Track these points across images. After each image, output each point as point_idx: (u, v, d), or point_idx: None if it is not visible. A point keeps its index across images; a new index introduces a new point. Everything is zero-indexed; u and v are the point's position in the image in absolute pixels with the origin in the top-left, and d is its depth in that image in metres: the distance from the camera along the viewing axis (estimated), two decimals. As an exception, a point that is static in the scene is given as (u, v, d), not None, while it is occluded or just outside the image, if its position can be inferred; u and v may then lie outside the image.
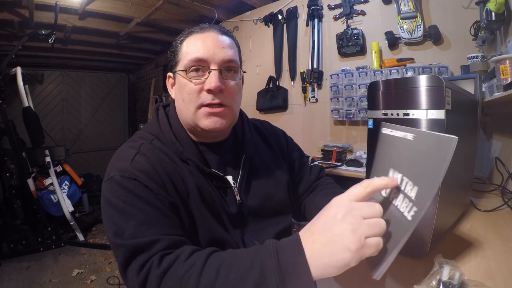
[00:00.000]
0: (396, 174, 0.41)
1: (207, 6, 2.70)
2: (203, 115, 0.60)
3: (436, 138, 0.37)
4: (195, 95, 0.59)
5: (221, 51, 0.60)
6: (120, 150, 0.60)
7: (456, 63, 1.70)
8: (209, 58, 0.59)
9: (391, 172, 0.43)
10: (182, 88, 0.61)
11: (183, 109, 0.62)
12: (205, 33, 0.61)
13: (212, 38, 0.60)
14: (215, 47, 0.59)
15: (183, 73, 0.60)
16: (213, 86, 0.58)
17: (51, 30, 2.67)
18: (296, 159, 0.82)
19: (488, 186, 1.01)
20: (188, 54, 0.60)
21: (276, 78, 2.58)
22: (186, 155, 0.60)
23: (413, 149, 0.40)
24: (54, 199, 2.71)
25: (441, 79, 0.57)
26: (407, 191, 0.38)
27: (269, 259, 0.40)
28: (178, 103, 0.64)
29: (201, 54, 0.58)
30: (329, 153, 2.07)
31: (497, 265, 0.50)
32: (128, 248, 0.47)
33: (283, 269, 0.38)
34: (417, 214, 0.35)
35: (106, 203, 0.52)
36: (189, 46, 0.61)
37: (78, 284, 2.07)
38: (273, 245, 0.41)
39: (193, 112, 0.60)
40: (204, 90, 0.59)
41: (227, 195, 0.64)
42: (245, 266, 0.40)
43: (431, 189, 0.35)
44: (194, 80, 0.59)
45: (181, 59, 0.61)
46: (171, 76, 0.66)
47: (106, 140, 5.11)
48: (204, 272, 0.42)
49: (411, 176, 0.39)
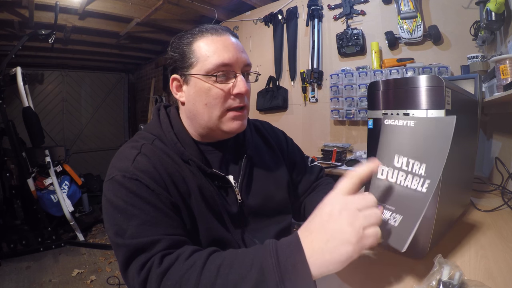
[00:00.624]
0: (401, 158, 0.45)
1: (207, 6, 2.70)
2: (230, 119, 0.61)
3: (436, 121, 0.43)
4: (221, 100, 0.59)
5: (241, 56, 0.61)
6: (121, 150, 0.60)
7: (456, 63, 1.70)
8: (234, 63, 0.59)
9: (396, 157, 0.46)
10: (204, 93, 0.59)
11: (203, 114, 0.60)
12: (221, 37, 0.60)
13: (231, 42, 0.61)
14: (236, 52, 0.60)
15: (205, 77, 0.59)
16: (243, 91, 0.59)
17: (51, 30, 2.67)
18: (296, 160, 0.82)
19: (488, 186, 1.01)
20: (211, 58, 0.58)
21: (276, 78, 2.59)
22: (188, 155, 0.60)
23: (415, 134, 0.44)
24: (54, 199, 2.71)
25: (441, 79, 0.57)
26: (415, 170, 0.43)
27: (269, 258, 0.40)
28: (193, 107, 0.61)
29: (227, 59, 0.58)
30: (329, 153, 2.07)
31: (497, 265, 0.50)
32: (129, 248, 0.47)
33: (282, 269, 0.39)
34: (431, 185, 0.40)
35: (107, 203, 0.52)
36: (208, 50, 0.58)
37: (78, 284, 2.07)
38: (272, 244, 0.42)
39: (217, 116, 0.60)
40: (231, 94, 0.60)
41: (228, 194, 0.64)
42: (245, 265, 0.41)
43: (439, 162, 0.40)
44: (220, 85, 0.59)
45: (199, 62, 0.59)
46: (178, 78, 0.62)
47: (106, 140, 5.12)
48: (204, 272, 0.42)
49: (416, 157, 0.43)
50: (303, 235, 0.41)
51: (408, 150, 0.45)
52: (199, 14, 2.88)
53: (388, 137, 0.48)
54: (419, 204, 0.40)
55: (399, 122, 0.47)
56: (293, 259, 0.39)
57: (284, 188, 0.74)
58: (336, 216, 0.38)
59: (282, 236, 0.41)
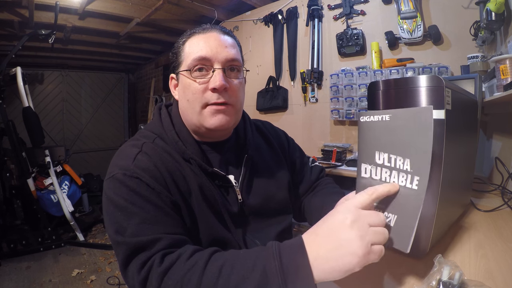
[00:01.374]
0: (382, 154, 0.44)
1: (207, 6, 2.70)
2: (209, 113, 0.59)
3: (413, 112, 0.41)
4: (200, 95, 0.59)
5: (224, 50, 0.60)
6: (122, 149, 0.60)
7: (456, 63, 1.70)
8: (212, 57, 0.59)
9: (376, 154, 0.45)
10: (186, 88, 0.61)
11: (188, 110, 0.62)
12: (207, 33, 0.61)
13: (215, 38, 0.61)
14: (218, 46, 0.60)
15: (187, 73, 0.60)
16: (218, 85, 0.57)
17: (51, 30, 2.66)
18: (297, 160, 0.82)
19: (488, 186, 1.01)
20: (191, 54, 0.60)
21: (276, 78, 2.58)
22: (189, 154, 0.61)
23: (392, 127, 0.43)
24: (54, 199, 2.71)
25: (441, 79, 0.57)
26: (399, 166, 0.42)
27: (272, 260, 0.40)
28: (182, 104, 0.64)
29: (204, 53, 0.58)
30: (329, 153, 2.07)
31: (497, 265, 0.50)
32: (129, 246, 0.47)
33: (285, 271, 0.39)
34: (421, 181, 0.39)
35: (107, 201, 0.52)
36: (191, 46, 0.61)
37: (78, 284, 2.07)
38: (275, 246, 0.42)
39: (198, 111, 0.60)
40: (208, 89, 0.59)
41: (229, 194, 0.64)
42: (248, 267, 0.40)
43: (425, 157, 0.38)
44: (198, 79, 0.59)
45: (184, 60, 0.61)
46: (174, 77, 0.66)
47: (106, 140, 5.11)
48: (206, 272, 0.42)
49: (397, 152, 0.42)
50: (309, 239, 0.41)
51: (386, 145, 0.44)
52: (199, 14, 2.88)
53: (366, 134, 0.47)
54: (413, 202, 0.40)
55: (374, 117, 0.46)
56: (296, 262, 0.39)
57: (284, 188, 0.74)
58: (348, 227, 0.38)
59: (283, 237, 0.42)
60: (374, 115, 0.46)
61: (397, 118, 0.43)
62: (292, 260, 0.39)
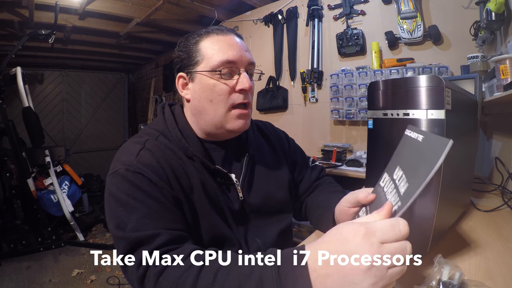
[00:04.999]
0: (400, 171, 0.42)
1: (207, 6, 2.69)
2: (234, 117, 0.62)
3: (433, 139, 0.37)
4: (226, 96, 0.61)
5: (245, 54, 0.63)
6: (125, 145, 0.60)
7: (456, 63, 1.70)
8: (238, 61, 0.61)
9: (397, 169, 0.43)
10: (209, 89, 0.61)
11: (209, 110, 0.62)
12: (226, 36, 0.63)
13: (236, 41, 0.63)
14: (241, 50, 0.62)
15: (210, 73, 0.60)
16: (247, 86, 0.61)
17: (51, 30, 2.66)
18: (298, 159, 0.83)
19: (488, 186, 1.01)
20: (216, 55, 0.60)
21: (276, 78, 2.58)
22: (192, 151, 0.61)
23: (419, 149, 0.40)
24: (54, 199, 2.71)
25: (441, 79, 0.57)
26: (400, 187, 0.39)
27: (269, 270, 0.39)
28: (199, 104, 0.63)
29: (231, 56, 0.60)
30: (329, 153, 2.07)
31: (497, 265, 0.50)
32: (129, 241, 0.47)
33: (283, 282, 0.37)
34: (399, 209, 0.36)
35: (109, 196, 0.53)
36: (213, 48, 0.61)
37: (78, 284, 2.07)
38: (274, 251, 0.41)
39: (223, 113, 0.61)
40: (235, 91, 0.61)
41: (230, 191, 0.65)
42: (244, 274, 0.40)
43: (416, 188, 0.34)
44: (224, 81, 0.61)
45: (205, 60, 0.61)
46: (184, 76, 0.65)
47: (106, 140, 5.11)
48: (201, 276, 0.41)
49: (408, 173, 0.39)
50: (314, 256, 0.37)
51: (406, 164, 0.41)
52: (199, 14, 2.88)
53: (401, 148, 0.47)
54: None
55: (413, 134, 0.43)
56: (295, 274, 0.37)
57: (285, 187, 0.75)
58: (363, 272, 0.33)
59: (284, 236, 0.41)
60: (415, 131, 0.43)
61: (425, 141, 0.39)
62: (290, 271, 0.38)
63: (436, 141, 0.36)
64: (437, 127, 0.58)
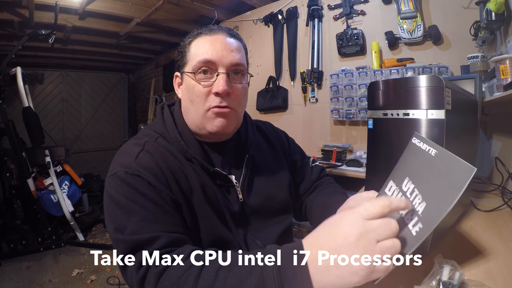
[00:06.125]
0: (410, 183, 0.41)
1: (207, 6, 2.69)
2: (210, 117, 0.60)
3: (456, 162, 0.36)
4: (203, 98, 0.60)
5: (229, 54, 0.60)
6: (124, 147, 0.60)
7: (456, 63, 1.70)
8: (217, 61, 0.59)
9: (406, 180, 0.43)
10: (190, 90, 0.61)
11: (191, 110, 0.62)
12: (213, 35, 0.61)
13: (221, 41, 0.60)
14: (224, 50, 0.60)
15: (192, 74, 0.60)
16: (220, 90, 0.58)
17: (51, 30, 2.66)
18: (298, 160, 0.83)
19: (488, 186, 1.01)
20: (197, 55, 0.60)
21: (276, 78, 2.58)
22: (191, 153, 0.61)
23: (433, 165, 0.40)
24: (54, 199, 2.71)
25: (441, 79, 0.57)
26: (414, 204, 0.39)
27: (270, 269, 0.39)
28: (185, 104, 0.64)
29: (209, 56, 0.59)
30: (329, 153, 2.07)
31: (497, 265, 0.50)
32: (128, 244, 0.47)
33: (283, 276, 0.38)
34: (422, 231, 0.36)
35: (108, 199, 0.52)
36: (197, 48, 0.61)
37: (78, 284, 2.07)
38: (274, 251, 0.41)
39: (201, 114, 0.60)
40: (212, 93, 0.59)
41: (230, 193, 0.65)
42: (245, 270, 0.40)
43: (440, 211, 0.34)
44: (203, 82, 0.59)
45: (190, 60, 0.61)
46: (179, 76, 0.66)
47: (106, 140, 5.11)
48: (202, 274, 0.41)
49: (422, 190, 0.39)
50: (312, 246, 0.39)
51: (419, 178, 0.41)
52: (199, 14, 2.88)
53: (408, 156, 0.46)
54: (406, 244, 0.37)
55: (423, 145, 0.43)
56: (295, 268, 0.38)
57: (285, 188, 0.74)
58: (353, 244, 0.36)
59: (284, 237, 0.41)
60: (425, 142, 0.43)
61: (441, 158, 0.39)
62: (290, 265, 0.38)
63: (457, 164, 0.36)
64: (437, 127, 0.58)
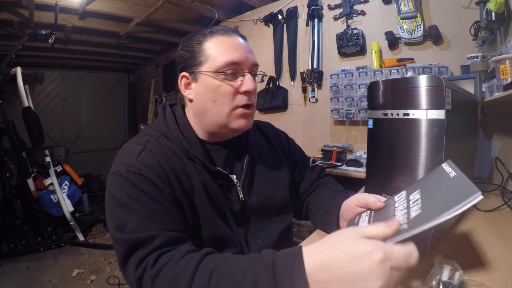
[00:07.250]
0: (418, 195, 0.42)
1: (207, 6, 2.69)
2: (238, 116, 0.62)
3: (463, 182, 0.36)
4: (230, 97, 0.61)
5: (250, 56, 0.63)
6: (126, 146, 0.60)
7: (456, 63, 1.70)
8: (242, 62, 0.61)
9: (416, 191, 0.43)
10: (213, 90, 0.61)
11: (212, 110, 0.62)
12: (231, 37, 0.63)
13: (240, 43, 0.63)
14: (246, 52, 0.62)
15: (215, 74, 0.60)
16: (251, 88, 0.61)
17: (51, 30, 2.66)
18: (298, 160, 0.83)
19: (488, 186, 1.01)
20: (220, 56, 0.60)
21: (276, 78, 2.58)
22: (193, 152, 0.61)
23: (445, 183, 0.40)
24: (54, 199, 2.71)
25: (441, 79, 0.57)
26: (411, 209, 0.39)
27: (264, 273, 0.38)
28: (202, 104, 0.63)
29: (236, 58, 0.60)
30: (329, 153, 2.07)
31: (497, 265, 0.50)
32: (127, 242, 0.47)
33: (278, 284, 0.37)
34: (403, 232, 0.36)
35: (110, 197, 0.53)
36: (217, 49, 0.61)
37: (78, 284, 2.07)
38: (269, 256, 0.40)
39: (226, 113, 0.61)
40: (239, 92, 0.61)
41: (231, 193, 0.65)
42: (238, 276, 0.39)
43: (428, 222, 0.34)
44: (229, 82, 0.61)
45: (209, 60, 0.61)
46: (187, 76, 0.64)
47: (106, 140, 5.11)
48: (196, 278, 0.41)
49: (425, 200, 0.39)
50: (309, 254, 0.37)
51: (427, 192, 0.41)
52: (199, 14, 2.88)
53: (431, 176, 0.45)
54: None
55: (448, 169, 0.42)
56: (291, 276, 0.36)
57: (285, 187, 0.75)
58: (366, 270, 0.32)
59: (284, 237, 0.41)
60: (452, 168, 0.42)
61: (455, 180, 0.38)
62: (286, 273, 0.37)
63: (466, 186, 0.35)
64: (437, 127, 0.58)
